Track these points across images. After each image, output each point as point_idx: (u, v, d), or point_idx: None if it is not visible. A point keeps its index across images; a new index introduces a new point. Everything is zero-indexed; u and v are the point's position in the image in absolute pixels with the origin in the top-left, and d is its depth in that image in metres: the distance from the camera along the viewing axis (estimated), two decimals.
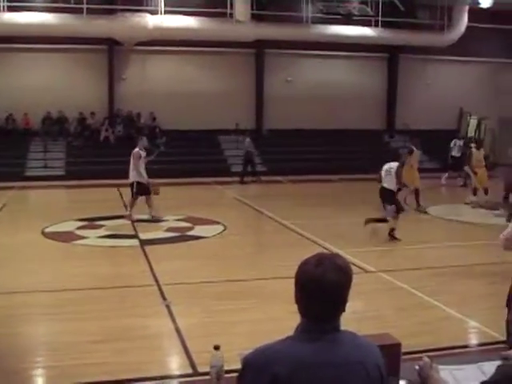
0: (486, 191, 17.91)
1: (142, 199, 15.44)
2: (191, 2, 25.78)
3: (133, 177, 15.21)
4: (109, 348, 6.86)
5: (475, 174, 18.00)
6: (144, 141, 15.70)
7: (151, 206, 15.36)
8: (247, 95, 27.94)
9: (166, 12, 24.60)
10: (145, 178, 15.22)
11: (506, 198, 17.20)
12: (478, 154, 18.17)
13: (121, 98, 26.50)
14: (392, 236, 12.94)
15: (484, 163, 18.15)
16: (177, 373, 6.53)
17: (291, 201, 19.46)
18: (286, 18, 26.50)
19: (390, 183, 12.96)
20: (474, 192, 17.93)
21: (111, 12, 24.36)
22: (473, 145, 19.11)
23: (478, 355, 6.12)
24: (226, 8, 25.34)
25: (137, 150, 15.26)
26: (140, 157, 15.14)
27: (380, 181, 13.16)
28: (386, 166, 13.18)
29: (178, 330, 7.44)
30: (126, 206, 17.01)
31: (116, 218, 15.44)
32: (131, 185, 15.27)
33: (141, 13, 24.21)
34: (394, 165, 13.08)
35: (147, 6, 24.98)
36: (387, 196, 13.08)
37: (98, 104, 26.10)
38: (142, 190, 15.20)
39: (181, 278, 9.99)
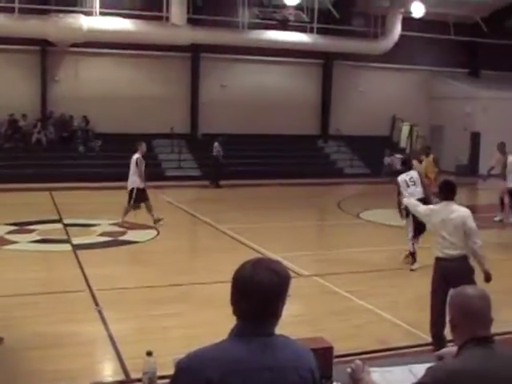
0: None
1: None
2: (127, 4, 25.51)
3: (133, 183, 14.83)
4: (40, 355, 6.73)
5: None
6: (143, 146, 15.34)
7: (151, 210, 14.97)
8: (182, 99, 27.81)
9: (100, 13, 24.24)
10: (144, 184, 14.96)
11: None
12: (426, 161, 17.69)
13: (54, 100, 26.01)
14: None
15: (431, 170, 17.04)
16: (109, 379, 6.46)
17: (226, 205, 19.48)
18: (223, 23, 26.48)
19: (419, 194, 11.52)
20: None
21: (44, 12, 23.86)
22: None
23: (408, 357, 6.25)
24: (162, 11, 25.20)
25: (137, 155, 14.94)
26: (140, 162, 14.86)
27: (399, 194, 11.67)
28: (405, 178, 11.74)
29: (110, 336, 7.35)
30: (58, 212, 16.75)
31: (48, 222, 15.12)
32: (130, 191, 14.84)
33: (75, 14, 23.79)
34: (414, 173, 11.86)
35: (82, 6, 24.58)
36: None
37: (30, 106, 25.52)
38: (141, 196, 14.88)
39: (113, 283, 9.86)
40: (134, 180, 14.86)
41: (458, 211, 6.71)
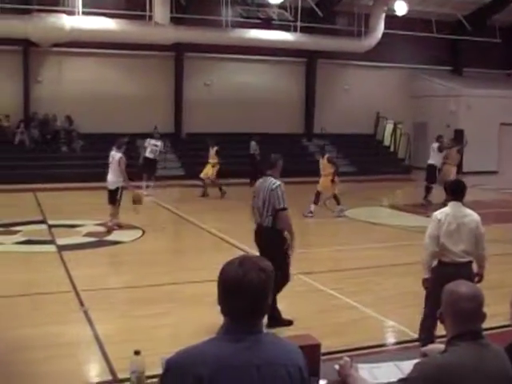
0: (334, 198, 17.31)
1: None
2: (110, 4, 25.37)
3: (118, 183, 14.40)
4: (25, 357, 6.68)
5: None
6: (124, 145, 15.36)
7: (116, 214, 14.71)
8: (166, 98, 27.73)
9: (83, 13, 24.09)
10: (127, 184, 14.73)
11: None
12: (322, 163, 17.65)
13: (37, 100, 25.82)
14: None
15: (328, 171, 17.25)
16: (96, 380, 6.42)
17: (210, 205, 19.45)
18: (206, 22, 26.44)
19: None
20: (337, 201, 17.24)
21: (26, 12, 23.72)
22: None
23: (395, 353, 6.29)
24: (146, 10, 25.08)
25: (120, 155, 14.59)
26: (124, 162, 14.56)
27: None
28: None
29: (96, 337, 7.32)
30: (42, 212, 16.64)
31: (32, 223, 15.02)
32: (115, 191, 14.38)
33: (57, 13, 23.65)
34: None
35: (64, 6, 24.42)
36: None
37: (13, 106, 25.34)
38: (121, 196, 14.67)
39: (99, 283, 9.83)
40: (118, 180, 14.62)
41: (472, 215, 6.42)
